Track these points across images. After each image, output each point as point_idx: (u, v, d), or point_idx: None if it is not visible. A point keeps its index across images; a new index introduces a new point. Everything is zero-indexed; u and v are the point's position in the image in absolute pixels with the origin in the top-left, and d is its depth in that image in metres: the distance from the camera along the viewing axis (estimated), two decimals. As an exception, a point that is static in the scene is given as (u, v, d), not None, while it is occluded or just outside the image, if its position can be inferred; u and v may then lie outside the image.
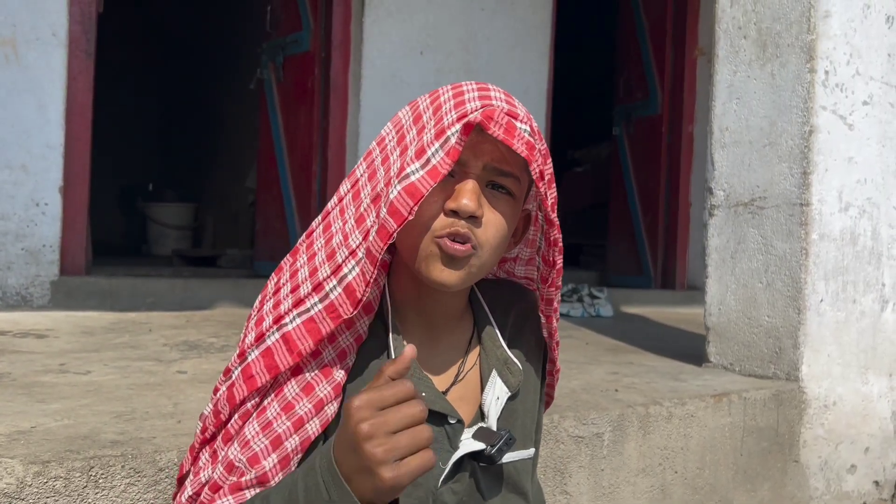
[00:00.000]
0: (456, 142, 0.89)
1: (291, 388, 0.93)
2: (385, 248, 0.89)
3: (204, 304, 3.47)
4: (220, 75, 6.51)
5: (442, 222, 0.92)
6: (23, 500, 1.10)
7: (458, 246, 0.91)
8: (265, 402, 0.93)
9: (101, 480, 1.17)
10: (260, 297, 1.01)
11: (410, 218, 0.89)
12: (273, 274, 1.02)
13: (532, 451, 1.08)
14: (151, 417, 1.46)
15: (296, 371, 0.94)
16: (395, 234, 0.89)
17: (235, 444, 0.93)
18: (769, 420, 2.18)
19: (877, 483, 2.47)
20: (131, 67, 7.26)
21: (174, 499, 1.00)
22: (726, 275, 2.46)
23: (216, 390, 0.98)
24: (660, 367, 2.50)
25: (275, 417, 0.92)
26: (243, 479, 0.91)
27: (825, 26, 2.28)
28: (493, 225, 0.94)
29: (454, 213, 0.91)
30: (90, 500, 1.16)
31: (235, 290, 3.67)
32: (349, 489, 0.78)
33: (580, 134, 7.30)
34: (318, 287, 0.94)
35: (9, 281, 3.03)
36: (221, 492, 0.92)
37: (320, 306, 0.93)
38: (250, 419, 0.94)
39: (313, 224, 1.01)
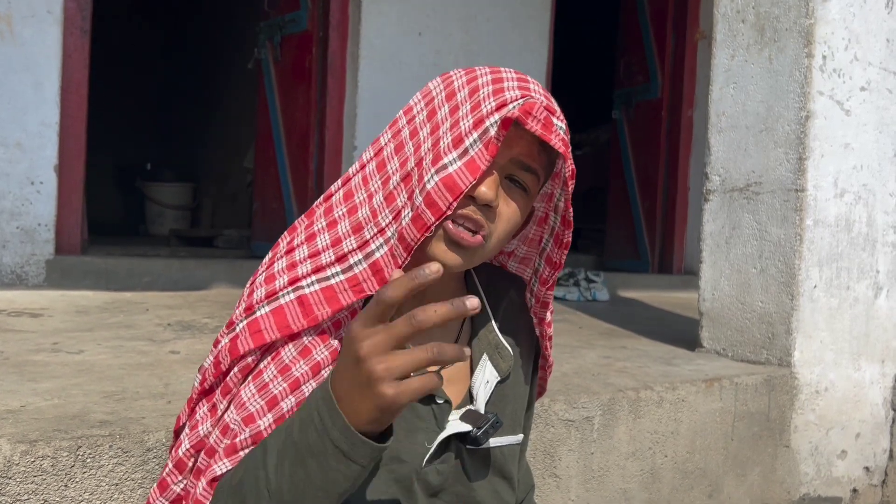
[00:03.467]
0: (495, 136, 0.89)
1: (288, 352, 0.92)
2: (422, 238, 0.89)
3: (200, 284, 3.47)
4: (218, 54, 6.48)
5: (456, 203, 0.90)
6: (10, 478, 1.11)
7: (466, 235, 0.91)
8: (261, 365, 0.93)
9: (88, 460, 1.18)
10: (270, 255, 0.99)
11: (449, 213, 0.88)
12: (286, 233, 0.99)
13: (520, 436, 1.08)
14: (141, 397, 1.47)
15: (293, 336, 0.93)
16: (433, 227, 0.88)
17: (232, 408, 0.92)
18: (760, 405, 2.19)
19: (867, 469, 2.48)
20: (130, 46, 7.22)
21: (170, 451, 0.99)
22: (720, 260, 2.46)
23: (216, 342, 0.97)
24: (653, 351, 2.51)
25: (271, 379, 0.91)
26: (237, 439, 0.90)
27: (824, 11, 2.26)
28: (505, 218, 0.94)
29: (471, 199, 0.91)
30: (77, 480, 1.16)
31: (232, 270, 3.67)
32: (339, 409, 0.76)
33: (580, 117, 7.27)
34: (342, 258, 0.93)
35: (4, 259, 3.03)
36: (217, 456, 0.91)
37: (342, 277, 0.92)
38: (246, 382, 0.93)
39: (332, 188, 0.99)
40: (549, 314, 1.09)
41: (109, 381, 1.59)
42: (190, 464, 0.95)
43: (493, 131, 0.89)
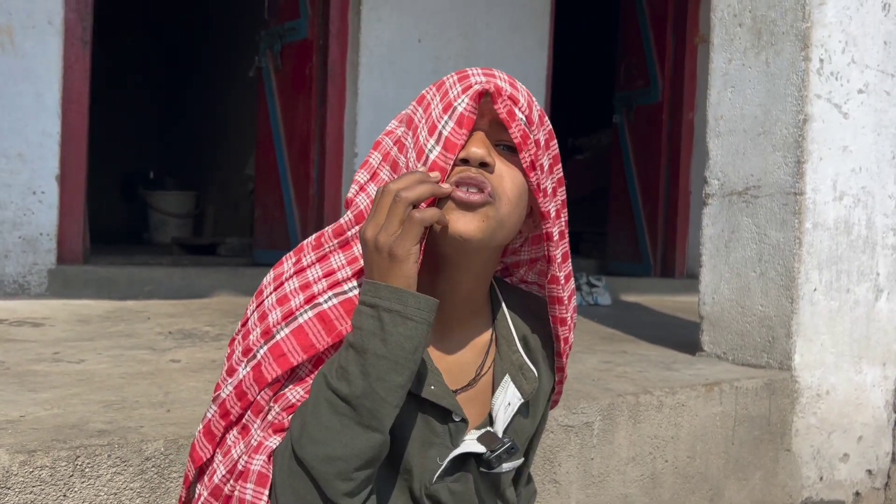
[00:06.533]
0: (465, 109, 0.89)
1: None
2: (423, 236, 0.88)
3: (202, 292, 3.48)
4: (220, 63, 6.50)
5: (452, 172, 0.89)
6: (8, 488, 1.11)
7: (473, 196, 0.88)
8: (285, 390, 0.91)
9: (87, 469, 1.18)
10: (273, 275, 0.97)
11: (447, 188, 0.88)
12: (291, 254, 0.98)
13: (521, 460, 1.05)
14: (141, 406, 1.47)
15: (318, 362, 0.91)
16: (434, 203, 0.88)
17: (276, 407, 0.90)
18: (761, 409, 2.18)
19: (869, 472, 2.48)
20: (132, 55, 7.25)
21: (199, 481, 0.95)
22: (720, 264, 2.46)
23: (232, 371, 0.94)
24: (654, 356, 2.50)
25: (298, 401, 0.90)
26: (284, 421, 0.90)
27: (820, 14, 2.27)
28: (508, 177, 0.92)
29: (464, 163, 0.90)
30: (76, 489, 1.17)
31: (234, 278, 3.68)
32: (380, 282, 0.84)
33: (581, 121, 7.29)
34: (358, 273, 0.92)
35: (6, 269, 3.04)
36: (265, 436, 0.90)
37: (359, 290, 0.90)
38: (291, 389, 0.91)
39: (342, 219, 0.97)
40: (567, 318, 1.05)
41: (109, 390, 1.60)
42: (226, 489, 0.92)
43: (461, 108, 0.89)
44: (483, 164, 0.90)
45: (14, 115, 3.07)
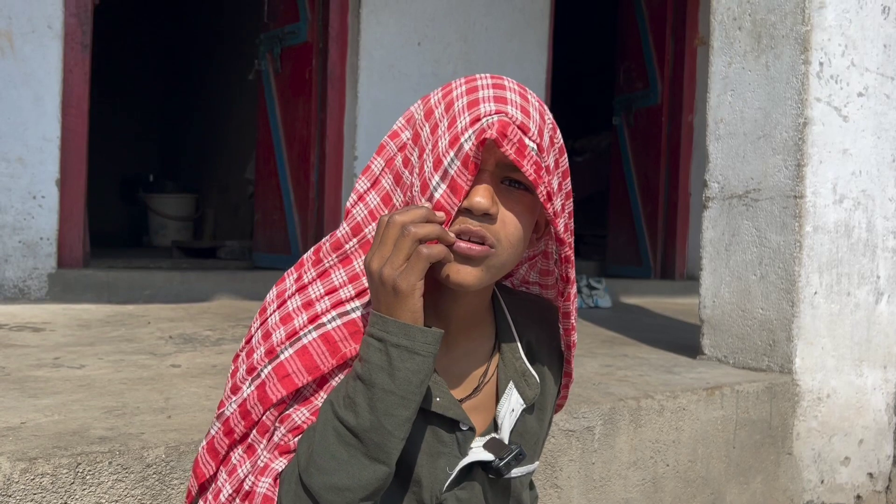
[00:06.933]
0: (471, 151, 0.87)
1: (322, 399, 0.92)
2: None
3: (202, 296, 3.48)
4: (220, 66, 6.50)
5: (454, 220, 0.89)
6: (9, 496, 1.11)
7: (473, 246, 0.88)
8: (290, 410, 0.91)
9: (88, 477, 1.18)
10: (276, 293, 0.97)
11: (453, 241, 0.87)
12: (292, 269, 0.98)
13: (537, 464, 1.06)
14: (142, 412, 1.47)
15: (322, 380, 0.91)
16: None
17: (282, 428, 0.91)
18: (762, 413, 2.18)
19: (871, 475, 2.48)
20: (132, 58, 7.25)
21: (201, 497, 0.95)
22: (721, 267, 2.46)
23: (236, 389, 0.94)
24: (654, 359, 2.50)
25: (304, 422, 0.91)
26: (290, 443, 0.90)
27: (820, 17, 2.27)
28: (510, 223, 0.90)
29: (467, 212, 0.89)
30: (77, 497, 1.17)
31: (233, 282, 3.67)
32: (388, 317, 0.84)
33: (580, 123, 7.29)
34: (361, 293, 0.92)
35: (6, 274, 3.04)
36: (271, 458, 0.90)
37: (362, 311, 0.91)
38: (297, 410, 0.91)
39: (338, 232, 0.97)
40: (573, 330, 1.06)
41: (110, 396, 1.59)
42: None
43: (467, 147, 0.87)
44: (486, 214, 0.89)
45: (14, 120, 3.07)
